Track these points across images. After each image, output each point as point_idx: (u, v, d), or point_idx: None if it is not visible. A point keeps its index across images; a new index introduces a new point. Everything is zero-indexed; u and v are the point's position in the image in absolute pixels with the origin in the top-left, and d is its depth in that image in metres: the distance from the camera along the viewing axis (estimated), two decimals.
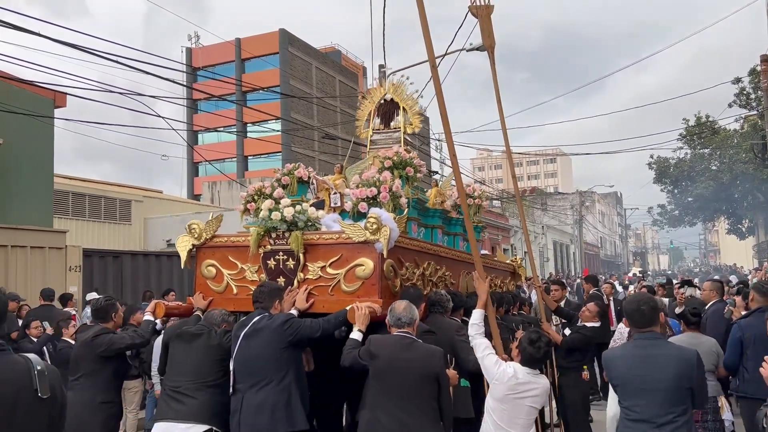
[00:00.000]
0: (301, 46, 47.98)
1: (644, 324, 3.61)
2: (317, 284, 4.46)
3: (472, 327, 4.11)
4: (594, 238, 68.52)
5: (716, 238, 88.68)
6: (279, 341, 4.02)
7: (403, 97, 6.08)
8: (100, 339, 4.53)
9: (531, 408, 3.79)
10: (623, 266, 76.05)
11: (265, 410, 3.92)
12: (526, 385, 3.75)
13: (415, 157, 5.60)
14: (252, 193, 5.14)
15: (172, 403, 4.20)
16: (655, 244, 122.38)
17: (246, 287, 4.67)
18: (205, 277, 4.86)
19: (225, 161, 49.00)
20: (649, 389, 3.45)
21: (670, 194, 34.74)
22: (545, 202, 54.99)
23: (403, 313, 3.94)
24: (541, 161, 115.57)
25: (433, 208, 5.93)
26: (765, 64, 15.48)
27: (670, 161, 33.68)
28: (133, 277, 10.80)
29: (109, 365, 4.58)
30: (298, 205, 4.57)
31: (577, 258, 49.03)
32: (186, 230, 4.90)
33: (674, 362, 3.49)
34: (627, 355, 3.65)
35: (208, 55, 46.54)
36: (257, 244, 4.57)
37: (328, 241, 4.46)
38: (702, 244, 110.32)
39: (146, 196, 23.98)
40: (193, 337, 4.35)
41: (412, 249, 4.82)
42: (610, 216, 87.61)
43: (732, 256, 65.91)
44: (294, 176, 5.48)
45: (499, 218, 38.34)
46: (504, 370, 3.78)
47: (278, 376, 4.00)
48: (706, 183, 31.10)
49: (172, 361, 4.37)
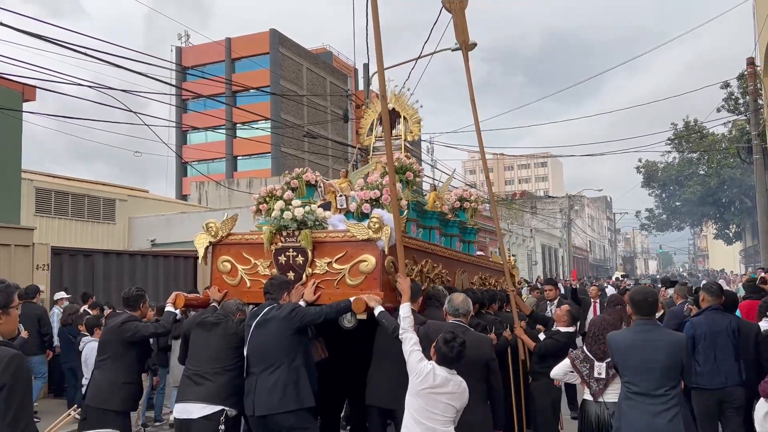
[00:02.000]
0: (292, 46, 47.80)
1: (647, 313, 4.28)
2: (324, 278, 4.86)
3: (403, 321, 4.25)
4: (583, 241, 68.66)
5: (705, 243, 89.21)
6: (287, 328, 4.45)
7: (404, 107, 6.51)
8: (128, 326, 4.98)
9: (448, 405, 3.87)
10: (612, 270, 76.28)
11: (276, 390, 4.35)
12: (442, 383, 3.86)
13: (414, 162, 6.02)
14: (264, 195, 5.50)
15: (192, 387, 4.59)
16: (644, 249, 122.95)
17: (259, 281, 5.07)
18: (221, 271, 5.30)
19: (214, 161, 48.79)
20: (648, 368, 4.08)
21: (657, 198, 34.80)
22: (535, 205, 55.04)
23: (462, 305, 4.48)
24: (532, 165, 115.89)
25: (431, 211, 6.27)
26: (751, 67, 15.47)
27: (658, 165, 33.75)
28: (106, 277, 10.52)
29: (132, 350, 5.02)
30: (308, 206, 4.98)
31: (566, 261, 49.06)
32: (203, 228, 5.35)
33: (668, 345, 4.13)
34: (629, 338, 4.26)
35: (198, 55, 46.30)
36: (270, 242, 4.99)
37: (334, 239, 4.87)
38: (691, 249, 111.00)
39: (131, 196, 23.71)
40: (213, 325, 4.74)
41: (412, 248, 5.13)
42: (599, 220, 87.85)
43: (720, 261, 66.29)
44: (302, 180, 5.85)
45: (488, 221, 38.27)
46: (424, 366, 3.93)
47: (288, 359, 4.44)
48: (693, 187, 31.20)
49: (193, 348, 4.75)
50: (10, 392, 2.44)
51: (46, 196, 19.77)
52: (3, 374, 2.44)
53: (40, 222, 19.44)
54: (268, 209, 5.24)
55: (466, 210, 6.99)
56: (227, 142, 45.68)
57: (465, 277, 6.37)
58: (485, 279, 7.05)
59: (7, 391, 2.43)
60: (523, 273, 40.98)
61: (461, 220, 6.91)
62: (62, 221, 20.20)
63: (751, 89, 15.90)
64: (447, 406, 3.86)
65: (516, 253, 43.48)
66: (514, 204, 50.43)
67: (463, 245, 7.03)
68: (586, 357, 4.85)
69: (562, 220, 48.58)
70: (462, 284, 6.19)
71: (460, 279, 6.21)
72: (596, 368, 4.78)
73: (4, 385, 2.43)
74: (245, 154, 47.02)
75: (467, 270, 6.51)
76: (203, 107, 39.67)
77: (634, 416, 4.09)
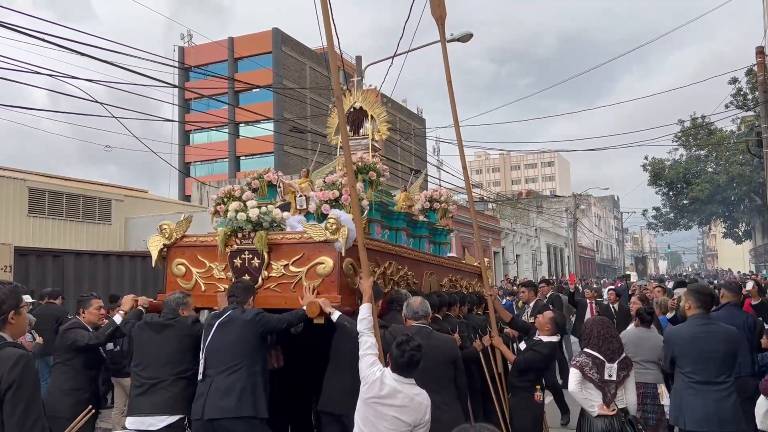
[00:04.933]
0: (295, 45, 47.49)
1: (707, 307, 4.64)
2: (280, 282, 4.71)
3: (361, 322, 4.02)
4: (589, 241, 67.98)
5: (714, 242, 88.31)
6: (252, 331, 4.29)
7: (372, 105, 6.36)
8: (68, 333, 4.97)
9: (396, 419, 3.50)
10: (620, 270, 75.54)
11: (233, 393, 4.14)
12: (390, 394, 3.53)
13: (378, 162, 5.84)
14: (222, 196, 5.28)
15: (147, 397, 4.37)
16: (653, 249, 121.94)
17: (213, 285, 4.94)
18: (175, 275, 5.11)
19: (217, 161, 48.57)
20: (708, 357, 4.40)
21: (665, 197, 34.14)
22: (541, 204, 54.47)
23: (420, 307, 4.46)
24: (539, 164, 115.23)
25: (397, 212, 6.12)
26: (761, 56, 14.90)
27: (665, 163, 33.12)
28: (78, 279, 10.04)
29: (78, 356, 4.94)
30: (264, 207, 4.82)
31: (572, 261, 48.45)
32: (157, 230, 5.16)
33: (725, 337, 4.48)
34: (690, 331, 4.56)
35: (200, 54, 46.06)
36: (224, 244, 4.84)
37: (291, 240, 4.72)
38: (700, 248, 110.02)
39: (128, 196, 23.36)
40: (163, 327, 4.52)
41: (374, 249, 4.97)
42: (606, 219, 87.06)
43: (729, 261, 65.50)
44: (263, 180, 5.66)
45: (491, 220, 37.76)
46: (373, 372, 3.66)
47: (248, 363, 4.25)
48: (701, 185, 30.54)
49: (142, 353, 4.53)
50: (18, 390, 2.51)
51: (39, 196, 19.44)
52: (10, 373, 2.52)
53: (33, 223, 19.15)
54: (226, 210, 5.06)
55: (437, 211, 6.86)
56: (230, 141, 45.40)
57: (433, 280, 6.16)
58: (455, 281, 6.78)
59: (15, 389, 2.50)
60: (527, 273, 40.53)
61: (431, 221, 6.73)
62: (56, 222, 19.87)
63: (761, 79, 15.28)
64: (394, 419, 3.50)
65: (520, 252, 43.01)
66: (520, 203, 49.92)
67: (433, 247, 6.86)
68: (595, 360, 4.43)
69: (567, 220, 48.00)
70: (430, 287, 5.99)
71: (427, 281, 6.01)
72: (607, 370, 4.40)
73: (12, 384, 2.51)
74: (248, 154, 46.76)
75: (436, 272, 6.29)
76: (206, 108, 39.39)
77: (698, 403, 4.35)
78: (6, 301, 2.71)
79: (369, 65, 16.67)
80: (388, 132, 6.45)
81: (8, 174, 19.44)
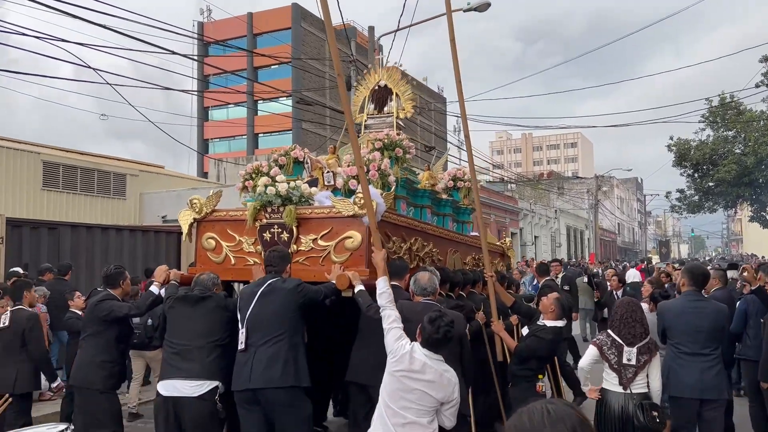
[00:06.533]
0: (315, 21, 46.85)
1: (699, 286, 4.93)
2: (309, 255, 4.82)
3: (380, 296, 3.99)
4: (611, 223, 66.94)
5: (739, 226, 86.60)
6: (293, 302, 4.36)
7: (396, 83, 6.47)
8: (103, 305, 4.95)
9: (425, 394, 3.43)
10: (641, 254, 74.41)
11: (277, 363, 4.21)
12: (420, 369, 3.46)
13: (404, 139, 5.92)
14: (250, 172, 5.42)
15: (180, 363, 4.43)
16: (675, 232, 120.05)
17: (243, 258, 5.08)
18: (205, 248, 5.24)
19: (235, 138, 48.45)
20: (696, 331, 4.66)
21: (690, 178, 33.20)
22: (562, 186, 53.63)
23: (428, 284, 4.45)
24: (562, 145, 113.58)
25: (422, 189, 6.22)
26: None
27: (690, 143, 32.13)
28: (74, 253, 9.74)
29: (110, 329, 4.96)
30: (292, 182, 4.98)
31: (592, 244, 47.72)
32: (187, 205, 5.28)
33: (713, 312, 4.73)
34: (680, 305, 4.84)
35: (219, 30, 45.72)
36: (254, 218, 4.93)
37: (319, 215, 4.80)
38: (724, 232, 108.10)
39: (143, 171, 23.28)
40: (199, 299, 4.61)
41: (400, 225, 5.07)
42: (629, 202, 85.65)
43: (755, 246, 64.13)
44: (290, 157, 5.78)
45: (509, 201, 37.18)
46: (402, 345, 3.59)
47: (290, 333, 4.32)
48: (728, 166, 29.55)
49: (176, 324, 4.61)
50: None
51: (53, 170, 19.40)
52: None
53: (47, 197, 19.14)
54: (254, 186, 5.21)
55: (460, 189, 6.95)
56: (248, 117, 45.20)
57: (457, 257, 6.25)
58: (479, 259, 6.84)
59: None
60: (545, 255, 39.97)
61: (454, 200, 6.83)
62: (70, 196, 19.84)
63: None
64: (423, 394, 3.42)
65: (539, 234, 42.41)
66: (540, 184, 49.17)
67: (457, 225, 6.96)
68: (614, 342, 4.38)
69: (589, 201, 47.22)
70: (454, 264, 6.09)
71: (451, 259, 6.10)
72: (626, 354, 4.33)
73: None
74: (266, 132, 46.56)
75: (459, 250, 6.40)
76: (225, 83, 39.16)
77: (685, 372, 4.59)
78: None
79: (382, 36, 16.25)
80: (413, 110, 6.58)
81: (22, 147, 19.39)
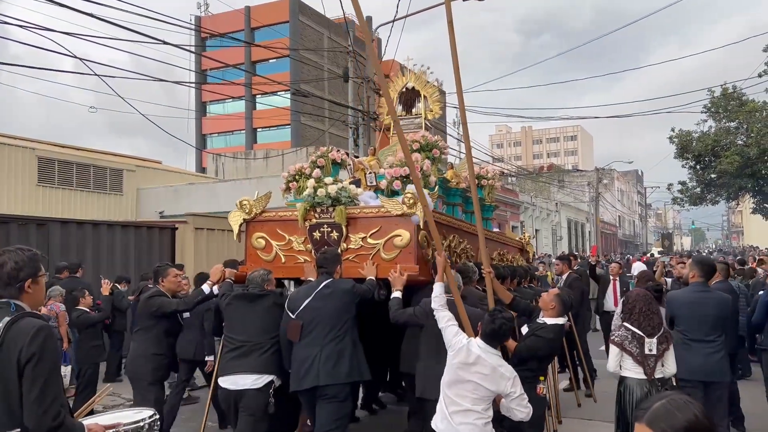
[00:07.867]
0: (313, 15, 46.53)
1: (708, 277, 5.26)
2: (359, 253, 5.02)
3: (434, 300, 4.18)
4: (612, 216, 66.70)
5: (740, 218, 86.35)
6: (350, 301, 4.59)
7: (424, 85, 6.67)
8: (152, 300, 5.26)
9: (478, 385, 3.70)
10: (642, 246, 74.21)
11: (344, 359, 4.46)
12: (475, 361, 3.73)
13: (439, 140, 6.16)
14: (293, 173, 5.71)
15: (241, 358, 4.66)
16: (676, 225, 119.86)
17: (293, 256, 5.28)
18: (255, 248, 5.43)
19: (233, 133, 48.15)
20: (701, 319, 5.02)
21: (691, 170, 32.89)
22: (562, 179, 53.37)
23: (454, 279, 4.52)
24: (561, 138, 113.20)
25: (454, 188, 6.42)
26: None
27: (692, 135, 31.82)
28: (64, 249, 9.55)
29: (160, 323, 5.26)
30: (341, 183, 5.21)
31: (593, 237, 47.50)
32: (237, 206, 5.46)
33: (718, 302, 5.08)
34: (688, 295, 5.19)
35: (217, 23, 45.38)
36: (304, 218, 5.14)
37: (368, 214, 5.03)
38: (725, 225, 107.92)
39: (140, 166, 23.01)
40: (257, 297, 4.80)
41: (441, 223, 5.22)
42: (629, 194, 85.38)
43: (756, 237, 63.89)
44: (328, 158, 5.94)
45: (509, 194, 36.92)
46: (460, 339, 3.85)
47: (350, 331, 4.58)
48: (731, 158, 29.25)
49: (235, 321, 4.82)
50: (38, 364, 2.38)
51: (48, 165, 19.15)
52: (30, 345, 2.38)
53: (42, 192, 18.90)
54: (299, 187, 5.45)
55: (484, 187, 7.11)
56: (247, 111, 44.89)
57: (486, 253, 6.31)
58: (503, 255, 7.18)
59: (35, 363, 2.37)
60: (546, 248, 39.76)
61: (480, 197, 6.87)
62: (66, 192, 19.60)
63: None
64: (477, 385, 3.70)
65: (540, 227, 42.18)
66: (541, 177, 48.92)
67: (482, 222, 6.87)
68: (635, 335, 4.51)
69: (589, 194, 46.98)
70: None
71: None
72: (647, 345, 4.48)
73: (32, 356, 2.37)
74: (264, 126, 46.27)
75: (488, 246, 6.43)
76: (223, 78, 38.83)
77: (690, 356, 4.88)
78: (23, 269, 2.55)
79: (379, 26, 16.02)
80: (440, 111, 6.86)
81: (17, 143, 19.12)
